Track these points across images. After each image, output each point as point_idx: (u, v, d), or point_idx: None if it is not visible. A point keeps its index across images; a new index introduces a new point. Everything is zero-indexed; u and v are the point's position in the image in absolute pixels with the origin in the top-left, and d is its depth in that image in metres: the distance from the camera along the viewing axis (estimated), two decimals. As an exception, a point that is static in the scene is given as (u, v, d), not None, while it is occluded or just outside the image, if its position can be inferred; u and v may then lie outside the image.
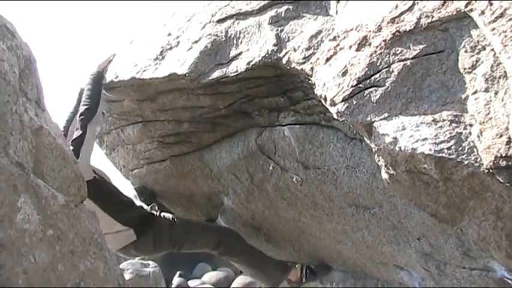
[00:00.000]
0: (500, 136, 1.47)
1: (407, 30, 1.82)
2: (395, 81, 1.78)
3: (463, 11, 1.69)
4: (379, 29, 1.91)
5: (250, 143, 2.98)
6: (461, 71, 1.66)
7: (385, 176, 1.92)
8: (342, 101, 1.91)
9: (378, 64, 1.85)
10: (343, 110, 1.90)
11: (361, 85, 1.87)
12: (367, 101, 1.83)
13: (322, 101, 2.10)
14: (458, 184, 1.65)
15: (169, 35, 2.94)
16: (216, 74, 2.52)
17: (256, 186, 3.19)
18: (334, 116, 1.98)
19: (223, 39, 2.60)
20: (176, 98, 2.86)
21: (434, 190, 1.76)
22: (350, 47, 2.00)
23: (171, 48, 2.83)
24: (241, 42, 2.53)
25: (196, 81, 2.57)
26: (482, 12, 1.63)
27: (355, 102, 1.87)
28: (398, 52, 1.82)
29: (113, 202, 2.99)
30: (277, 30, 2.40)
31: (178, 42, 2.82)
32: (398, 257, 2.80)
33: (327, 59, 2.09)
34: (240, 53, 2.49)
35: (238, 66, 2.45)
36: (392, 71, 1.80)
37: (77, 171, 1.55)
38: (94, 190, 1.97)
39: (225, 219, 3.76)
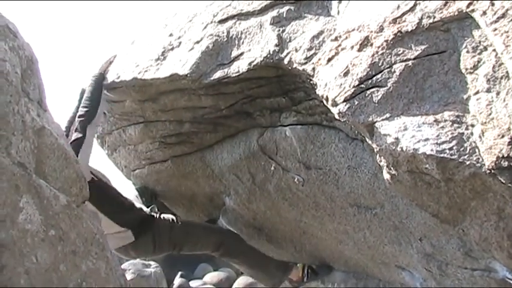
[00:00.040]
0: (502, 136, 1.47)
1: (409, 30, 1.82)
2: (397, 82, 1.78)
3: (464, 11, 1.69)
4: (381, 29, 1.91)
5: (251, 144, 2.98)
6: (463, 71, 1.66)
7: (386, 176, 1.92)
8: (344, 102, 1.91)
9: (380, 64, 1.85)
10: (344, 110, 1.90)
11: (362, 85, 1.87)
12: (368, 102, 1.83)
13: (324, 102, 2.09)
14: (460, 184, 1.65)
15: (170, 35, 2.94)
16: (217, 74, 2.52)
17: (258, 187, 3.18)
18: (336, 116, 1.98)
19: (225, 40, 2.60)
20: (178, 98, 2.86)
21: (436, 190, 1.76)
22: (352, 48, 2.00)
23: (172, 49, 2.83)
24: (243, 42, 2.53)
25: (197, 82, 2.57)
26: (484, 13, 1.63)
27: (356, 102, 1.87)
28: (400, 52, 1.82)
29: (111, 204, 2.98)
30: (279, 30, 2.40)
31: (180, 43, 2.82)
32: (400, 257, 2.79)
33: (329, 60, 2.09)
34: (241, 54, 2.49)
35: (239, 66, 2.45)
36: (394, 72, 1.80)
37: (78, 172, 1.56)
38: (91, 192, 1.97)
39: (226, 220, 3.76)
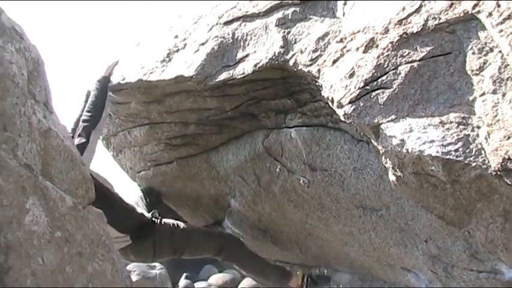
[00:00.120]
0: (508, 138, 1.47)
1: (414, 32, 1.81)
2: (402, 83, 1.78)
3: (470, 12, 1.69)
4: (386, 30, 1.91)
5: (257, 145, 2.98)
6: (469, 72, 1.66)
7: (392, 178, 1.92)
8: (349, 103, 1.90)
9: (385, 66, 1.85)
10: (350, 112, 1.89)
11: (368, 87, 1.86)
12: (374, 103, 1.83)
13: (329, 103, 2.09)
14: (465, 186, 1.65)
15: (176, 37, 2.95)
16: (222, 76, 2.52)
17: (263, 188, 3.18)
18: (341, 118, 1.98)
19: (230, 42, 2.61)
20: (183, 100, 2.86)
21: (442, 192, 1.75)
22: (357, 49, 2.00)
23: (178, 51, 2.83)
24: (248, 44, 2.53)
25: (203, 83, 2.57)
26: (490, 14, 1.63)
27: (362, 104, 1.86)
28: (405, 54, 1.82)
29: (110, 208, 2.98)
30: (284, 32, 2.41)
31: (185, 45, 2.82)
32: (406, 259, 2.78)
33: (334, 61, 2.09)
34: (247, 55, 2.50)
35: (245, 68, 2.45)
36: (400, 73, 1.80)
37: (84, 173, 1.56)
38: None
39: (231, 221, 3.76)
